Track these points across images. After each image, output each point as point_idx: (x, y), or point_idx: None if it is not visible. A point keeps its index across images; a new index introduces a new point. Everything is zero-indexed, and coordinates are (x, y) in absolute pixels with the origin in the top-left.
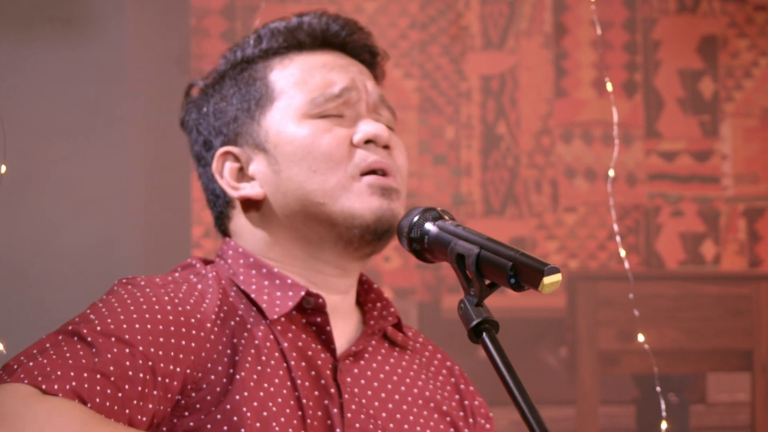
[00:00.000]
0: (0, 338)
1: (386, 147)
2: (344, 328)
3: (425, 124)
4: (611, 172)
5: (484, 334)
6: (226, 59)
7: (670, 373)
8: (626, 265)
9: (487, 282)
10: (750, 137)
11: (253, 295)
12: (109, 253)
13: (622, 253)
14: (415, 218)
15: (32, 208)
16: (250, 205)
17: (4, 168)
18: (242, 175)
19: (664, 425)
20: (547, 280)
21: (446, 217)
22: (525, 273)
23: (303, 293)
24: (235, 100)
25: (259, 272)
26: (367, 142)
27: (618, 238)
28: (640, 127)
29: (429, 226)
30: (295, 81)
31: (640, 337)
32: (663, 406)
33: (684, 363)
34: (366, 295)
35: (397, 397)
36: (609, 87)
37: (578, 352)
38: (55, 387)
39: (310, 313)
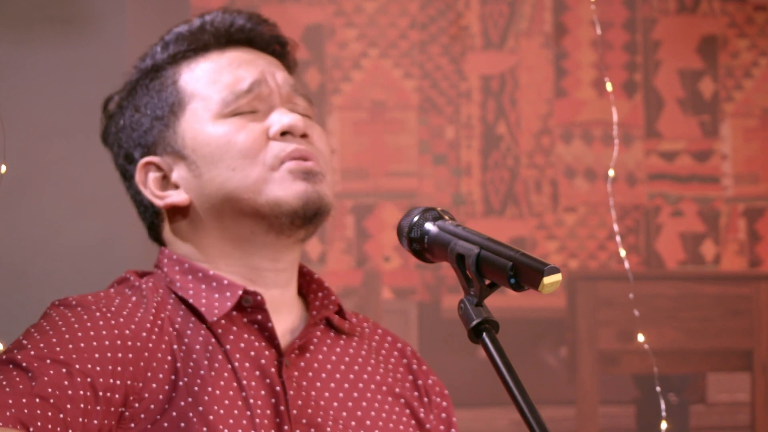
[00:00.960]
0: (0, 338)
1: (304, 136)
2: (288, 322)
3: (425, 124)
4: (611, 172)
5: (484, 334)
6: (136, 68)
7: (670, 373)
8: (626, 265)
9: (487, 282)
10: (750, 137)
11: (191, 300)
12: (109, 253)
13: (622, 253)
14: (415, 218)
15: (32, 208)
16: (178, 211)
17: (4, 168)
18: (166, 183)
19: (664, 425)
20: (547, 280)
21: (446, 217)
22: (525, 273)
23: (240, 292)
24: (149, 109)
25: (195, 277)
26: (284, 133)
27: (618, 238)
28: (640, 127)
29: (429, 226)
30: (205, 82)
31: (640, 337)
32: (663, 406)
33: (684, 363)
34: (308, 287)
35: (346, 385)
36: (609, 87)
37: (578, 352)
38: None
39: (250, 311)
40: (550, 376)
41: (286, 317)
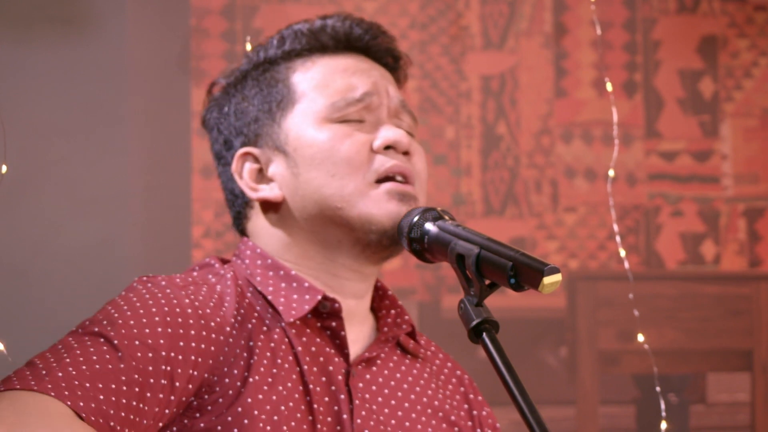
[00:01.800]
0: (0, 338)
1: (406, 153)
2: (358, 333)
3: (425, 124)
4: (611, 172)
5: (484, 334)
6: (248, 59)
7: (670, 373)
8: (626, 265)
9: (487, 282)
10: (750, 137)
11: (269, 297)
12: (109, 253)
13: (622, 253)
14: (415, 218)
15: (32, 208)
16: (269, 206)
17: (4, 168)
18: (261, 176)
19: (664, 425)
20: (547, 280)
21: (446, 217)
22: (525, 273)
23: (319, 297)
24: (257, 100)
25: (276, 274)
26: (387, 148)
27: (618, 238)
28: (640, 127)
29: (429, 226)
30: (317, 84)
31: (640, 337)
32: (663, 406)
33: (684, 363)
34: (380, 301)
35: (406, 404)
36: (609, 87)
37: (578, 352)
38: (81, 405)
39: (326, 317)
40: (550, 376)
41: (357, 328)
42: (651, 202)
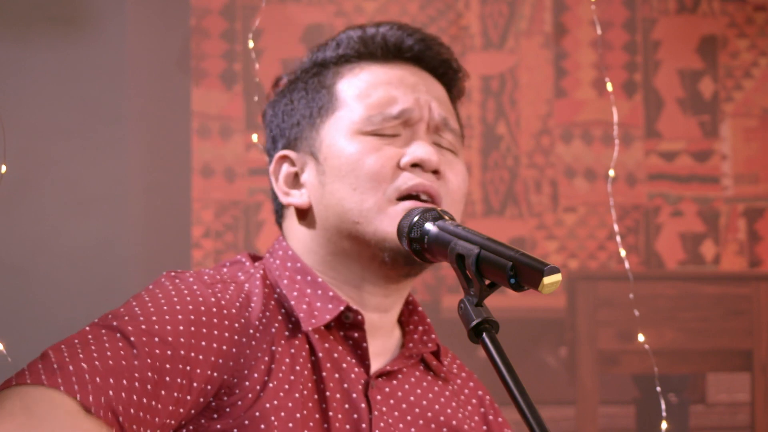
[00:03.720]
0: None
1: (436, 172)
2: (381, 346)
3: None
4: (611, 172)
5: (484, 334)
6: (309, 58)
7: (670, 373)
8: (626, 265)
9: (487, 282)
10: (750, 137)
11: (293, 302)
12: (109, 253)
13: (622, 253)
14: (416, 218)
15: (32, 208)
16: (299, 211)
17: (4, 168)
18: (296, 181)
19: (664, 425)
20: (547, 280)
21: (446, 218)
22: (525, 273)
23: (342, 308)
24: (301, 104)
25: (303, 279)
26: (415, 165)
27: (618, 238)
28: (639, 127)
29: (429, 226)
30: (358, 94)
31: (640, 337)
32: (663, 406)
33: (684, 363)
34: (409, 316)
35: (421, 422)
36: (609, 87)
37: (578, 352)
38: (90, 399)
39: (348, 327)
40: (550, 376)
41: (380, 341)
42: (651, 202)
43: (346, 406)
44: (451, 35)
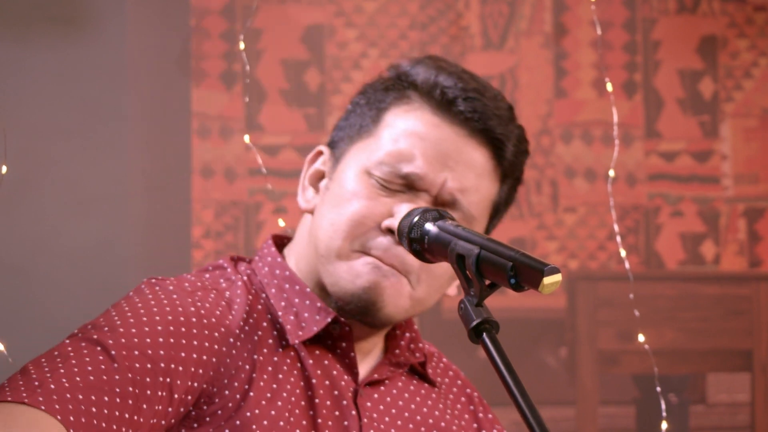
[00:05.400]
0: (0, 338)
1: None
2: (367, 354)
3: None
4: (611, 172)
5: (484, 335)
6: (389, 69)
7: (670, 373)
8: (626, 265)
9: (487, 282)
10: (750, 137)
11: (279, 313)
12: (109, 253)
13: (622, 253)
14: (416, 218)
15: (32, 208)
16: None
17: (4, 168)
18: (318, 180)
19: (664, 425)
20: (547, 280)
21: (446, 218)
22: (525, 273)
23: (329, 319)
24: (355, 114)
25: (292, 288)
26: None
27: (618, 239)
28: (639, 127)
29: (429, 227)
30: (389, 133)
31: (640, 337)
32: (663, 406)
33: (684, 363)
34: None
35: (411, 426)
36: (609, 87)
37: (578, 352)
38: (71, 419)
39: (336, 337)
40: (550, 376)
41: (366, 349)
42: (651, 202)
43: (337, 413)
44: (451, 35)
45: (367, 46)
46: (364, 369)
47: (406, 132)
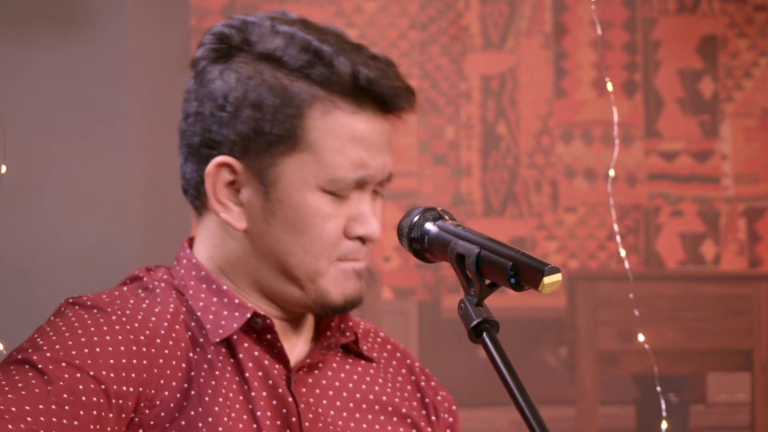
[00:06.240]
0: (0, 338)
1: None
2: (297, 340)
3: (425, 124)
4: (611, 172)
5: (484, 334)
6: (256, 24)
7: (670, 373)
8: (626, 265)
9: (487, 282)
10: (750, 137)
11: (199, 313)
12: (109, 253)
13: (622, 253)
14: (416, 218)
15: (32, 208)
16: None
17: (4, 168)
18: (232, 191)
19: (664, 425)
20: (547, 280)
21: (446, 217)
22: (525, 273)
23: (248, 315)
24: (266, 110)
25: (209, 287)
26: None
27: (618, 238)
28: (640, 127)
29: (429, 226)
30: (332, 147)
31: (640, 337)
32: (663, 406)
33: (684, 363)
34: None
35: (351, 404)
36: (609, 87)
37: (578, 352)
38: (9, 428)
39: (260, 330)
40: (550, 376)
41: (295, 336)
42: (651, 202)
43: (274, 402)
44: (451, 35)
45: (367, 46)
46: (296, 355)
47: (345, 137)
